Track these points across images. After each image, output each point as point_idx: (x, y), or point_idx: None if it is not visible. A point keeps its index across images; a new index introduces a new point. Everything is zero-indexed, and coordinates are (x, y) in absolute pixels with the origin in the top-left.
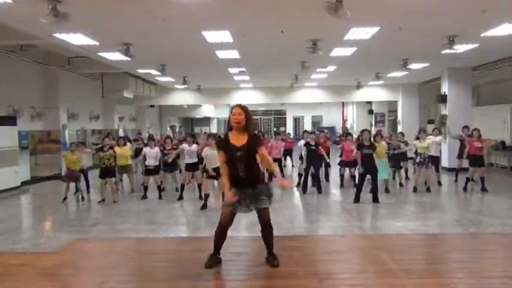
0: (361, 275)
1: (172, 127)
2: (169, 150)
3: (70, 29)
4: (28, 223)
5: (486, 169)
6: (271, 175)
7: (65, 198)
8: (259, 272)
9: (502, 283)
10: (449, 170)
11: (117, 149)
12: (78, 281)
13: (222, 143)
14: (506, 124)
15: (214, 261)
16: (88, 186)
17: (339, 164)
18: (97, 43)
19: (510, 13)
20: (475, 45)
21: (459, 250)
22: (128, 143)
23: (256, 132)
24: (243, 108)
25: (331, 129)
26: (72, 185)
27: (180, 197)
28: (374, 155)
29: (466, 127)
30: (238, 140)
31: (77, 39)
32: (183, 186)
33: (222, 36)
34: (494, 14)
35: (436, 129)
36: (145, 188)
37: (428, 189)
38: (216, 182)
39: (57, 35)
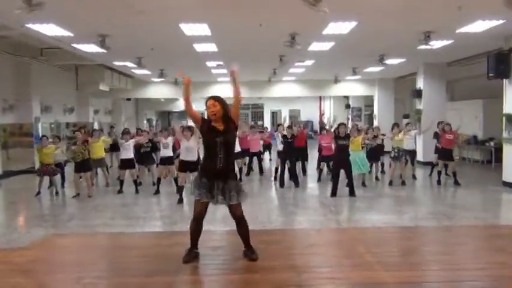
0: (338, 268)
1: (149, 120)
2: (147, 142)
3: (43, 19)
4: (0, 218)
5: (459, 163)
6: (249, 170)
7: (39, 192)
8: (237, 266)
9: (475, 275)
10: (425, 164)
11: (90, 141)
12: (53, 278)
13: (205, 119)
14: (479, 119)
15: (192, 256)
16: (63, 181)
17: (319, 159)
18: (71, 34)
19: (485, 10)
20: (450, 41)
21: (433, 243)
22: (103, 136)
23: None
24: (216, 99)
25: (309, 123)
26: (46, 179)
27: (157, 191)
28: (350, 147)
29: (441, 122)
30: (219, 127)
31: (50, 30)
32: (159, 180)
33: (200, 29)
34: (470, 11)
35: (409, 123)
36: (121, 182)
37: (403, 183)
38: (191, 176)
39: (30, 26)
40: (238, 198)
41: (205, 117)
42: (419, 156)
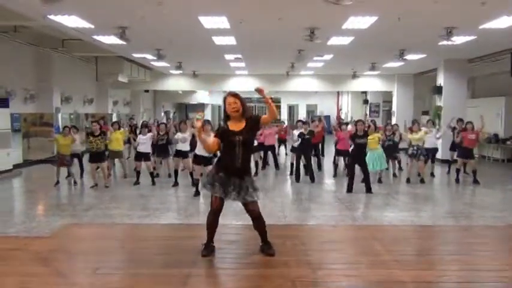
0: (354, 266)
1: (166, 113)
2: (163, 135)
3: (65, 10)
4: (20, 207)
5: (479, 161)
6: (265, 164)
7: (57, 182)
8: (252, 261)
9: (493, 276)
10: (443, 161)
11: (111, 133)
12: (71, 267)
13: (221, 130)
14: (500, 117)
15: (210, 249)
16: (82, 171)
17: (334, 153)
18: (92, 26)
19: (509, 6)
20: (472, 38)
21: (451, 242)
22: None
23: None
24: (236, 96)
25: (326, 118)
26: (64, 169)
27: (175, 184)
28: (367, 146)
29: (460, 120)
30: (237, 126)
31: (71, 21)
32: (176, 172)
33: (219, 22)
34: (494, 6)
35: (429, 120)
36: (138, 174)
37: (422, 181)
38: (206, 169)
39: (52, 17)
40: (256, 195)
41: (218, 128)
42: (438, 154)
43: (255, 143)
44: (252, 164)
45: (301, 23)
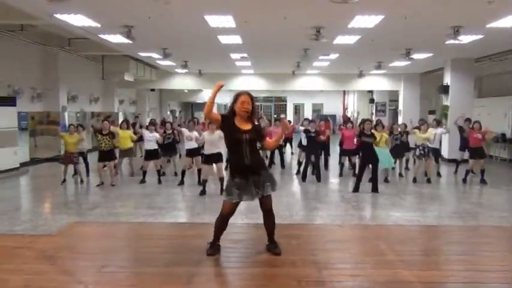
0: (360, 265)
1: (172, 111)
2: (170, 133)
3: (71, 9)
4: (27, 205)
5: (486, 161)
6: (271, 163)
7: (64, 180)
8: (257, 260)
9: (499, 277)
10: (449, 161)
11: (120, 131)
12: (77, 265)
13: (226, 118)
14: (507, 117)
15: (216, 249)
16: (88, 169)
17: (340, 152)
18: (98, 25)
19: None
20: (479, 37)
21: (457, 242)
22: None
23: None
24: (251, 97)
25: (332, 117)
26: (71, 167)
27: (181, 183)
28: (374, 144)
29: (468, 119)
30: (243, 125)
31: (78, 20)
32: (184, 172)
33: (225, 21)
34: (501, 5)
35: (435, 120)
36: (144, 173)
37: (428, 181)
38: (214, 167)
39: (58, 16)
40: (273, 188)
41: (224, 114)
42: (445, 154)
43: None
44: None
45: (307, 22)
